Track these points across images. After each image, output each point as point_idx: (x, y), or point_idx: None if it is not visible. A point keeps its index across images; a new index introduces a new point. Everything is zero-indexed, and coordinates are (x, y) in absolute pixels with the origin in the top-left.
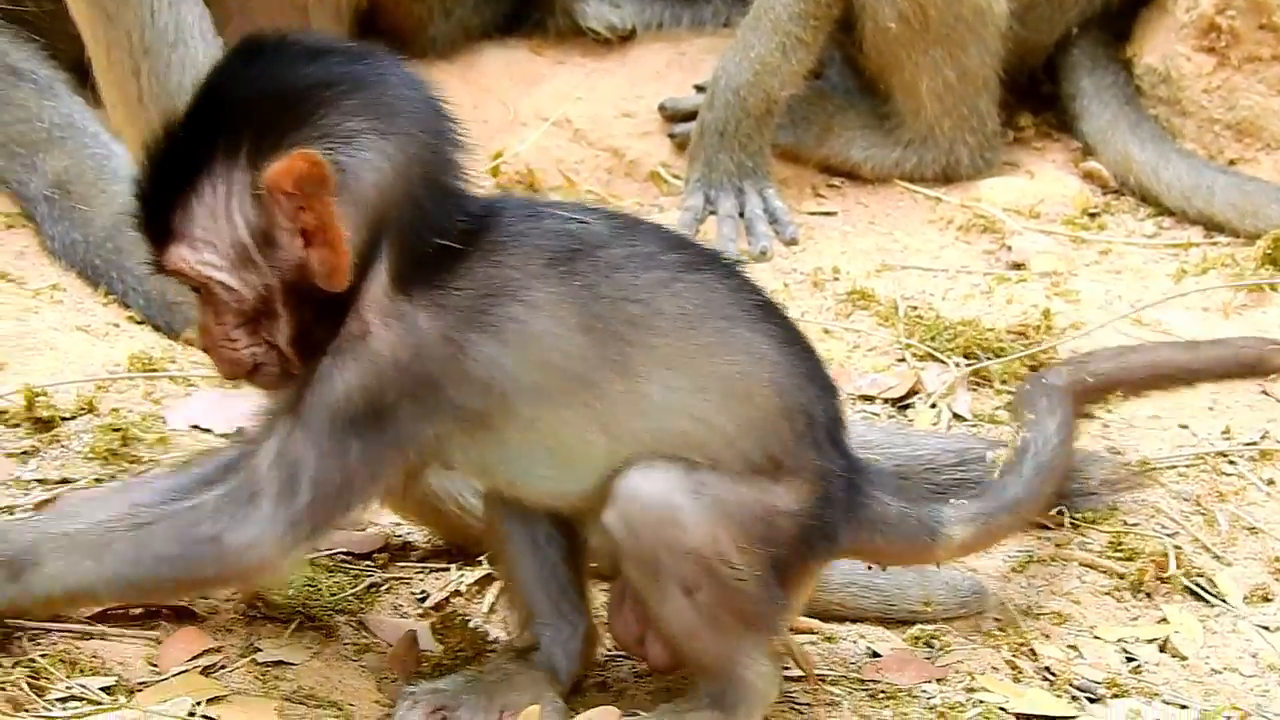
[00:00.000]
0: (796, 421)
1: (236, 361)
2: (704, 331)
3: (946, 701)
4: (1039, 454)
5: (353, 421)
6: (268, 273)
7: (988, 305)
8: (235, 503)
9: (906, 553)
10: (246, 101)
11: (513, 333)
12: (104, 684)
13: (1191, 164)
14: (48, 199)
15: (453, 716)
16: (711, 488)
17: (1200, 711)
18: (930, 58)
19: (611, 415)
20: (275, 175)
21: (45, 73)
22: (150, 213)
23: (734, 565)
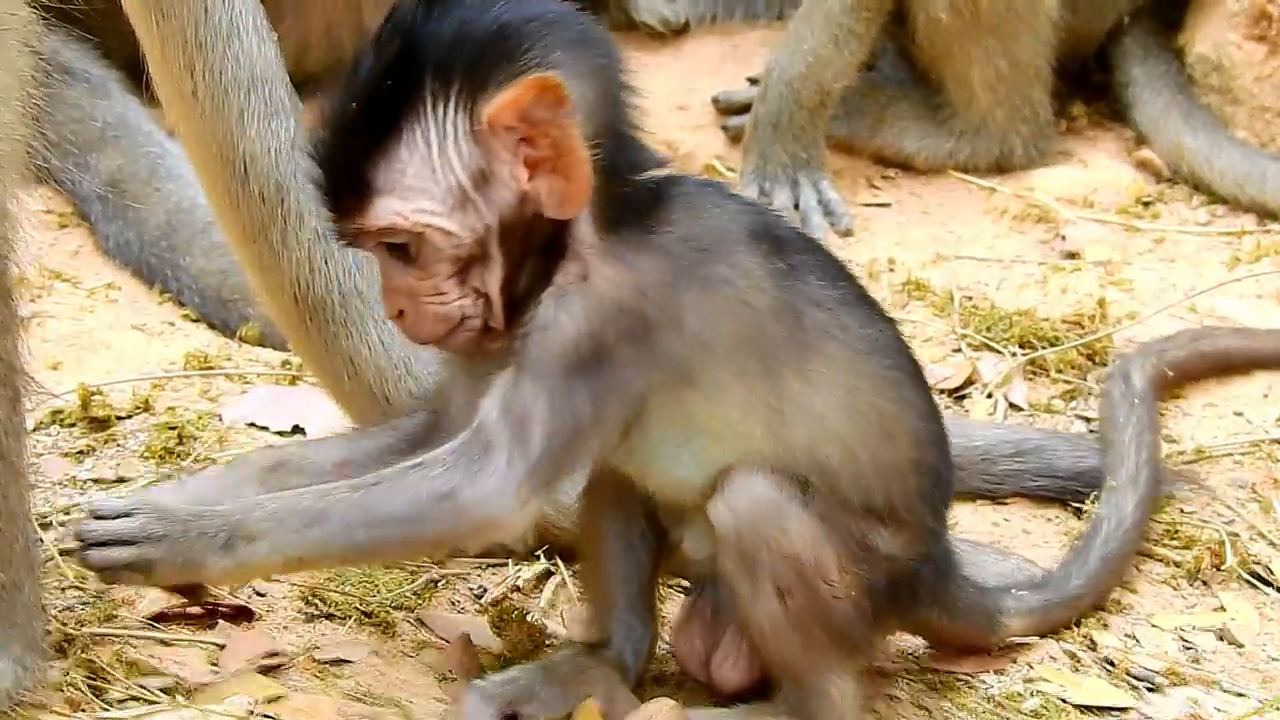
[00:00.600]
0: (925, 478)
1: (443, 317)
2: (874, 363)
3: (1005, 691)
4: (1108, 543)
5: (580, 366)
6: (485, 213)
7: (1042, 295)
8: (468, 457)
9: (964, 636)
10: (446, 45)
11: (724, 294)
12: (162, 684)
13: (1244, 152)
14: (101, 198)
15: (526, 709)
16: (820, 505)
17: (1259, 700)
18: (982, 48)
19: (777, 411)
20: (498, 109)
21: (98, 72)
22: (344, 176)
23: (830, 582)
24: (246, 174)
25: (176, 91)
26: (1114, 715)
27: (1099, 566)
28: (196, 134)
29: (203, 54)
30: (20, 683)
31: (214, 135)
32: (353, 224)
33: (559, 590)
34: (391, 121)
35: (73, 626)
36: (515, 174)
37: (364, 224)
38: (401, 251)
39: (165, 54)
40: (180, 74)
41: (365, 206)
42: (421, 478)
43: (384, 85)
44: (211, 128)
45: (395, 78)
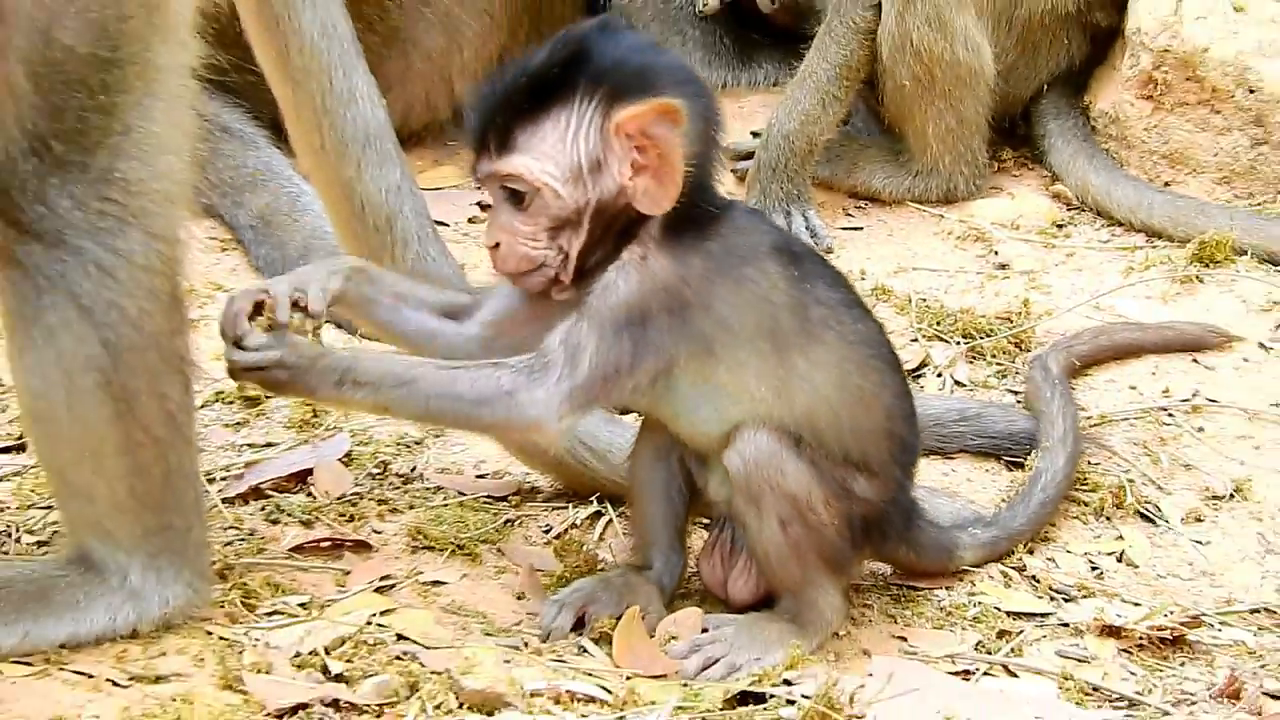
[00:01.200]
0: (894, 443)
1: (528, 257)
2: (861, 351)
3: (953, 603)
4: (1046, 489)
5: (626, 321)
6: (589, 192)
7: (980, 297)
8: (530, 369)
9: (927, 568)
10: (606, 61)
11: (750, 290)
12: (301, 601)
13: (1136, 186)
14: (253, 228)
15: (591, 609)
16: (810, 455)
17: (1149, 608)
18: (935, 108)
19: (784, 382)
20: (626, 118)
21: (249, 129)
22: (497, 129)
23: (818, 513)
24: (364, 210)
25: (308, 146)
26: (1037, 619)
27: (1039, 508)
28: (324, 179)
29: (329, 116)
30: (191, 602)
31: (338, 180)
32: (489, 166)
33: (608, 527)
34: (546, 102)
35: (231, 558)
36: (621, 170)
37: (497, 168)
38: (517, 198)
39: (300, 116)
40: (311, 132)
41: (505, 155)
42: (493, 374)
43: (551, 74)
44: (336, 174)
45: (561, 72)
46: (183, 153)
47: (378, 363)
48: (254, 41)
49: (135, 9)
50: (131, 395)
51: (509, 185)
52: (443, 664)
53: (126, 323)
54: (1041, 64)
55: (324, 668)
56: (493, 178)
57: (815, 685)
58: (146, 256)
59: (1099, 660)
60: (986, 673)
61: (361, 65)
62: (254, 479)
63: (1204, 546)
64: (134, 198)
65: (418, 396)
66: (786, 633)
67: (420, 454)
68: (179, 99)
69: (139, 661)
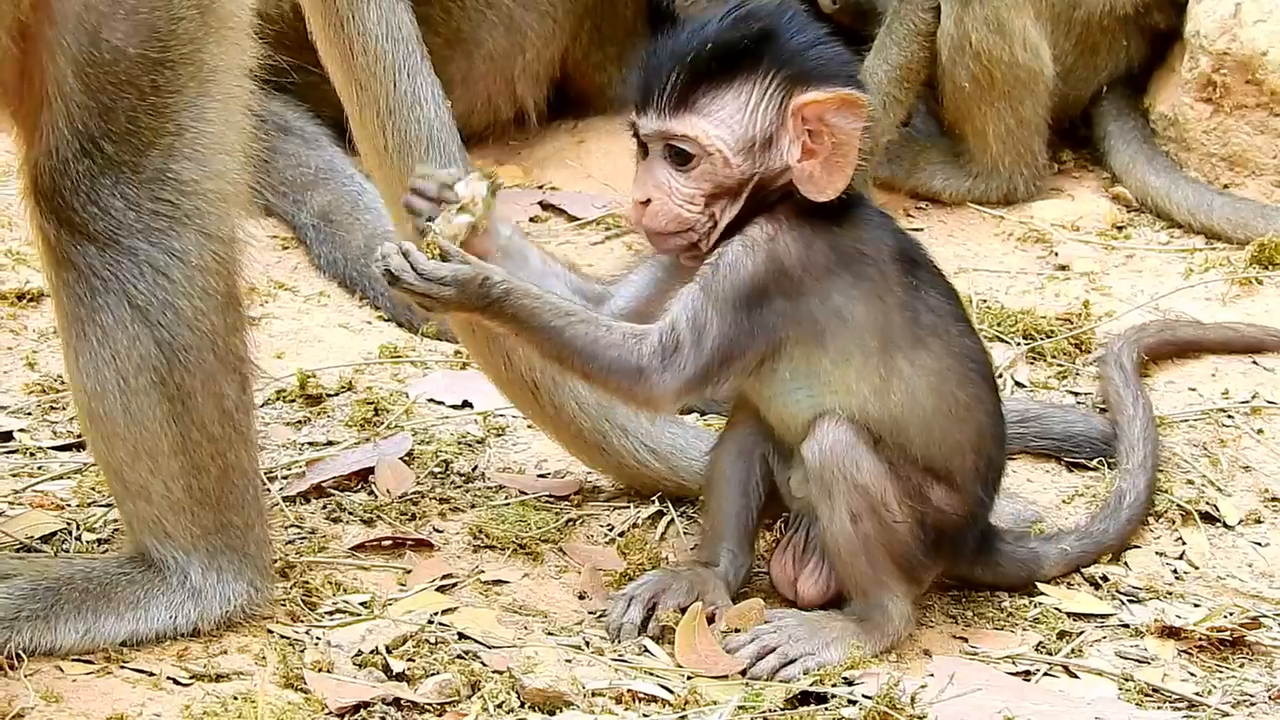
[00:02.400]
0: (980, 459)
1: (680, 218)
2: (963, 364)
3: (1014, 603)
4: (1133, 506)
5: (747, 300)
6: (756, 165)
7: (1040, 298)
8: (664, 347)
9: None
10: (797, 44)
11: (867, 286)
12: (362, 599)
13: (1195, 188)
14: (314, 226)
15: (662, 599)
16: (889, 454)
17: (1208, 609)
18: (995, 109)
19: (885, 380)
20: (807, 102)
21: (311, 128)
22: (675, 90)
23: (891, 510)
24: None
25: (372, 147)
26: (1098, 620)
27: (1125, 523)
28: (387, 179)
29: (393, 118)
30: (252, 600)
31: (401, 181)
32: (659, 123)
33: (669, 527)
34: (732, 71)
35: (292, 556)
36: (791, 151)
37: (671, 127)
38: (682, 158)
39: (363, 118)
40: (375, 133)
41: (680, 115)
42: (634, 346)
43: (740, 45)
44: (399, 175)
45: (750, 45)
46: (238, 152)
47: (529, 298)
48: (319, 43)
49: (187, 10)
50: (187, 394)
51: (678, 145)
52: (504, 663)
53: (181, 322)
54: (1100, 65)
55: (385, 666)
56: (661, 135)
57: (876, 685)
58: (201, 256)
59: (1159, 661)
60: (1047, 673)
61: (426, 67)
62: (315, 477)
63: (1263, 548)
64: (188, 198)
65: (558, 340)
66: (848, 632)
67: (482, 453)
68: (234, 99)
69: (200, 660)
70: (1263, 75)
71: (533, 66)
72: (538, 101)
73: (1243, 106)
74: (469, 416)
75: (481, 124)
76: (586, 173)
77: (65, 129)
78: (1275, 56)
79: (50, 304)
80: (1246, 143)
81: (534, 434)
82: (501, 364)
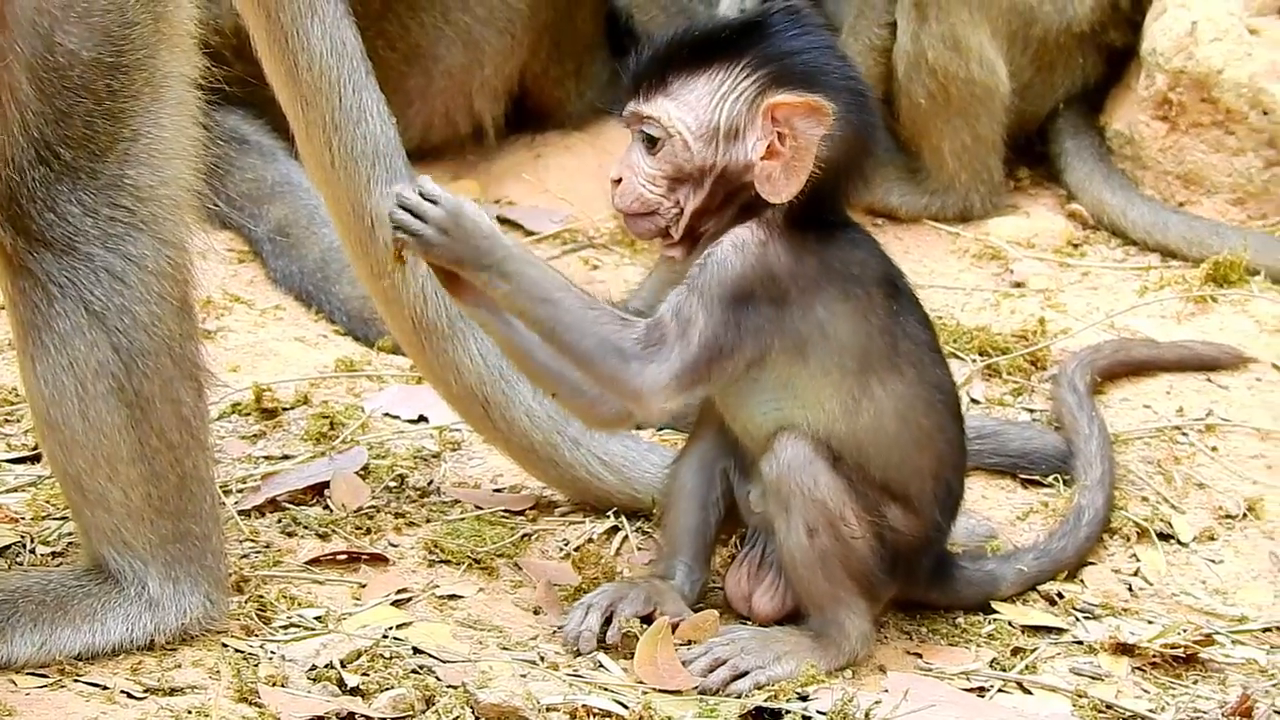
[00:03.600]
0: (939, 484)
1: (643, 199)
2: (932, 393)
3: (968, 619)
4: (1091, 523)
5: (733, 298)
6: (718, 155)
7: (996, 315)
8: (650, 339)
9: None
10: (784, 45)
11: (853, 305)
12: (317, 614)
13: (1150, 206)
14: (271, 240)
15: (619, 607)
16: (848, 471)
17: (1162, 626)
18: (951, 126)
19: (856, 401)
20: (778, 103)
21: (268, 141)
22: (654, 73)
23: (849, 525)
24: (373, 227)
25: (317, 162)
26: (1052, 637)
27: (1084, 540)
28: (334, 196)
29: (338, 134)
30: (208, 613)
31: (348, 197)
32: (636, 107)
33: (624, 542)
34: (707, 59)
35: (247, 570)
36: (755, 149)
37: (641, 109)
38: (651, 141)
39: (310, 134)
40: (321, 149)
41: (652, 99)
42: (621, 333)
43: (722, 36)
44: (346, 191)
45: (732, 37)
46: (190, 159)
47: (531, 267)
48: (264, 59)
49: (140, 15)
50: (145, 401)
51: (646, 127)
52: (459, 678)
53: (138, 328)
54: (1057, 82)
55: (340, 681)
56: (635, 116)
57: (831, 701)
58: (157, 262)
59: (1113, 678)
60: (1001, 689)
61: (371, 82)
62: (270, 491)
63: (1217, 565)
64: (143, 204)
65: (548, 317)
66: (802, 648)
67: (437, 467)
68: (186, 106)
69: (154, 673)
70: (1218, 94)
71: (491, 82)
72: (495, 117)
73: (1198, 125)
74: (424, 431)
75: (439, 139)
76: (543, 187)
77: (20, 136)
78: (1231, 75)
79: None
80: (1202, 161)
81: (489, 449)
82: (451, 379)
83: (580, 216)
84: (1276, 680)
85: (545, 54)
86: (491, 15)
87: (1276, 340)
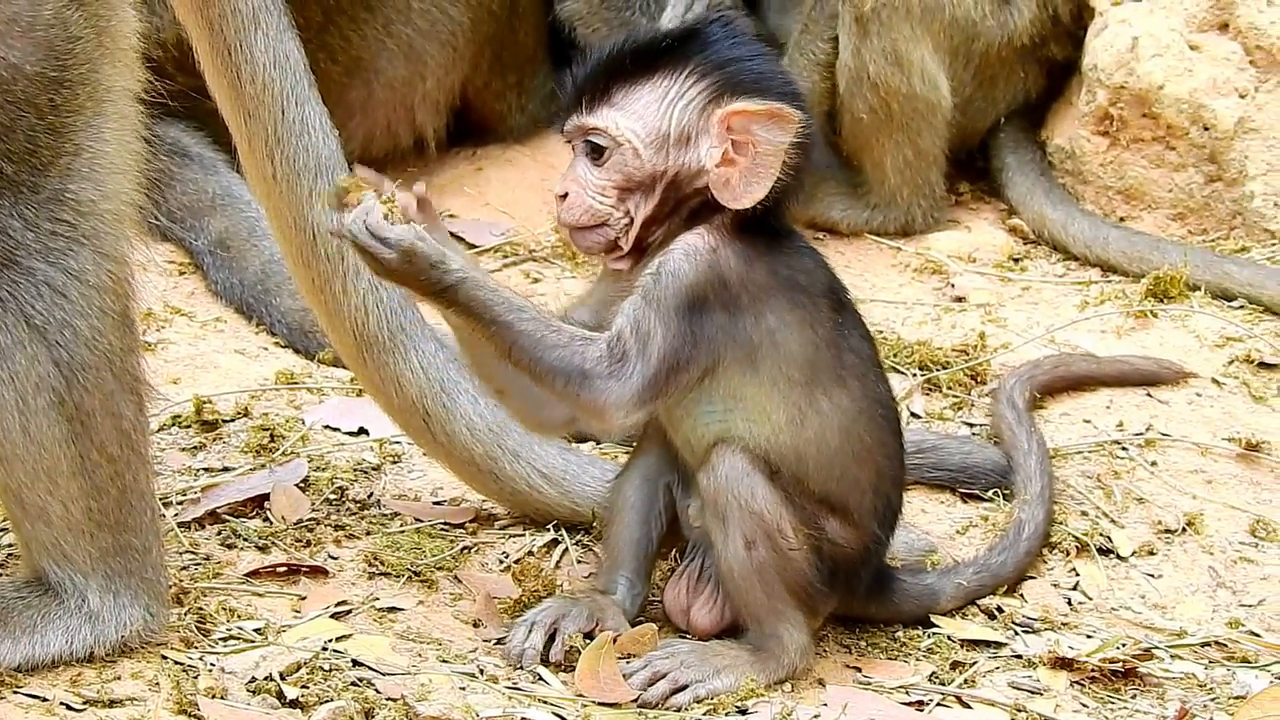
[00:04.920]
0: (879, 498)
1: (593, 211)
2: (873, 408)
3: (907, 633)
4: (1031, 538)
5: (687, 306)
6: (670, 162)
7: (936, 329)
8: (612, 356)
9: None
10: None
11: (801, 315)
12: (256, 627)
13: (1091, 221)
14: (211, 252)
15: (561, 625)
16: (786, 484)
17: (1101, 640)
18: (893, 141)
19: (802, 414)
20: (733, 113)
21: (209, 154)
22: (595, 85)
23: (786, 538)
24: (314, 239)
25: (260, 175)
26: (991, 651)
27: (1024, 555)
28: (276, 208)
29: (281, 146)
30: (148, 625)
31: (289, 209)
32: (578, 120)
33: (564, 555)
34: (651, 67)
35: (187, 582)
36: (710, 155)
37: (585, 122)
38: (597, 152)
39: (252, 146)
40: (263, 161)
41: (595, 109)
42: (580, 350)
43: (661, 45)
44: (287, 204)
45: (673, 45)
46: (132, 173)
47: (492, 291)
48: (207, 72)
49: (84, 29)
50: (86, 415)
51: (592, 139)
52: (398, 690)
53: (79, 342)
54: (998, 97)
55: (279, 693)
56: (579, 130)
57: (770, 714)
58: (98, 276)
59: (1052, 692)
60: (940, 704)
61: (314, 96)
62: (210, 503)
63: (1156, 580)
64: (85, 218)
65: (507, 337)
66: (741, 661)
67: (377, 480)
68: (128, 120)
69: (93, 685)
70: (1159, 109)
71: (432, 94)
72: (437, 129)
73: (1139, 140)
74: (365, 443)
75: (381, 151)
76: (485, 200)
77: None
78: (1172, 91)
79: None
80: (1143, 176)
81: (429, 461)
82: (392, 392)
83: (521, 229)
84: (1215, 695)
85: (487, 67)
86: (433, 28)
87: (1216, 355)
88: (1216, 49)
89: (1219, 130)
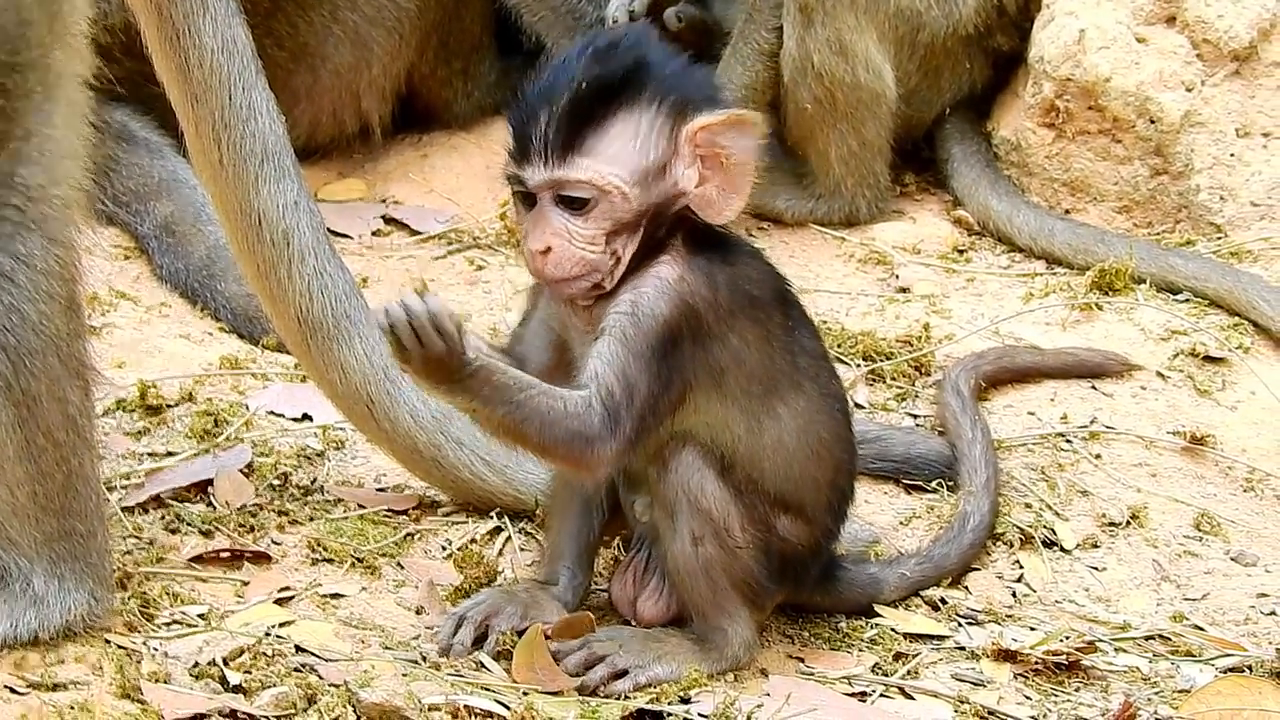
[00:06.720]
0: (834, 494)
1: (582, 262)
2: (829, 406)
3: (850, 624)
4: (976, 529)
5: (661, 344)
6: (652, 195)
7: (881, 320)
8: (610, 414)
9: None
10: (674, 70)
11: (760, 328)
12: (200, 611)
13: (1036, 213)
14: (157, 237)
15: (493, 622)
16: (738, 482)
17: (1045, 633)
18: (838, 131)
19: (760, 423)
20: (698, 128)
21: (155, 138)
22: (556, 136)
23: (734, 536)
24: (260, 225)
25: (206, 160)
26: (934, 642)
27: (968, 546)
28: (221, 194)
29: (228, 131)
30: (93, 610)
31: (235, 194)
32: (547, 174)
33: (507, 543)
34: (612, 107)
35: (130, 567)
36: (687, 177)
37: (562, 175)
38: (575, 204)
39: (199, 131)
40: (210, 146)
41: (571, 162)
42: (584, 414)
43: (614, 80)
44: (233, 189)
45: (625, 77)
46: (80, 158)
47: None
48: (155, 56)
49: (35, 14)
50: (32, 399)
51: (571, 192)
52: (341, 677)
53: (26, 327)
54: (944, 87)
55: (222, 678)
56: (551, 184)
57: (713, 704)
58: (46, 261)
59: (995, 684)
60: (883, 694)
61: (261, 81)
62: (154, 488)
63: (1100, 573)
64: (33, 203)
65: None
66: (684, 650)
67: (321, 466)
68: (77, 105)
69: (37, 669)
70: (1105, 102)
71: (378, 81)
72: (382, 116)
73: (1085, 133)
74: (309, 429)
75: (326, 137)
76: (429, 187)
77: None
78: (1118, 83)
79: None
80: (1088, 168)
81: (373, 448)
82: (336, 378)
83: (466, 216)
84: (1158, 688)
85: (433, 54)
86: (379, 14)
87: (1161, 348)
88: (1164, 42)
89: (1165, 123)
